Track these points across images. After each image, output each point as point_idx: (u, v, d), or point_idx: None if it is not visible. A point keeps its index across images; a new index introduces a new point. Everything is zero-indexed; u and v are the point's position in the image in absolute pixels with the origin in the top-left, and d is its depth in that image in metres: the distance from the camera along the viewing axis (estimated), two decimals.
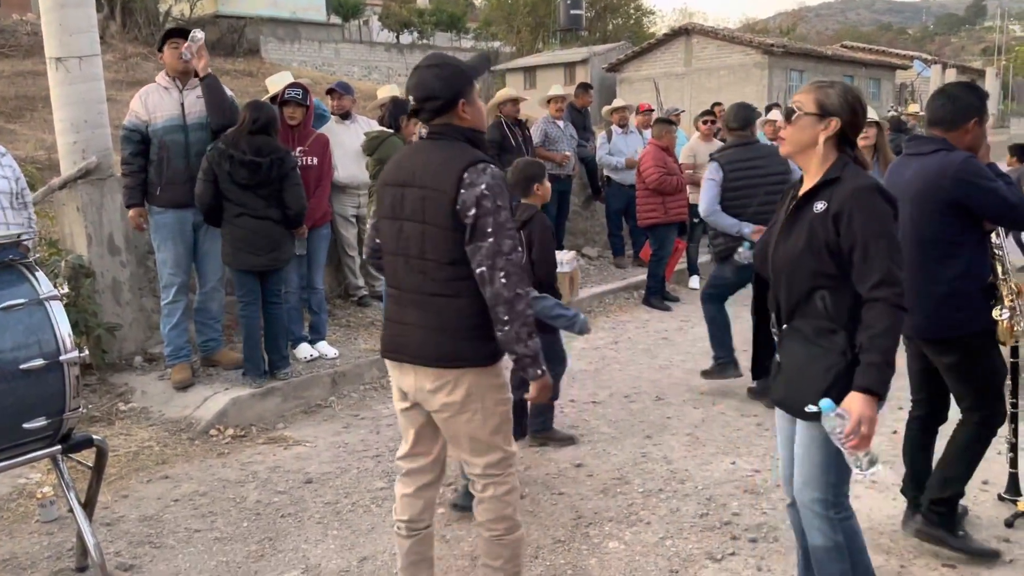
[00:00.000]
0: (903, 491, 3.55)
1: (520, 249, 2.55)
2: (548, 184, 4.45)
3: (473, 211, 2.42)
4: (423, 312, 2.56)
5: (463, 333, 2.54)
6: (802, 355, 2.47)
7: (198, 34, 5.09)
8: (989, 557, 3.26)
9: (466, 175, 2.43)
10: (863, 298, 2.33)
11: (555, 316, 3.97)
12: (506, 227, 2.45)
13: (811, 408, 2.37)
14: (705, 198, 5.23)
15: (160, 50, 5.22)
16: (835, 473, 2.51)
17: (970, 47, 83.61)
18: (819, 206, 2.41)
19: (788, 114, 2.55)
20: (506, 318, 2.45)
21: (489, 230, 2.42)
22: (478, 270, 2.45)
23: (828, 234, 2.37)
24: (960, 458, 3.31)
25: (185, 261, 5.19)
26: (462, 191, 2.43)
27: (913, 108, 14.72)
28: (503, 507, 2.68)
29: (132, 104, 5.14)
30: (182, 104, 5.11)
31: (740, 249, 5.06)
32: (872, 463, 2.35)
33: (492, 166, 2.50)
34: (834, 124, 2.44)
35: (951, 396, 3.39)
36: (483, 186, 2.42)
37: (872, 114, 5.26)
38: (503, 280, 2.43)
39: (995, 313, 3.15)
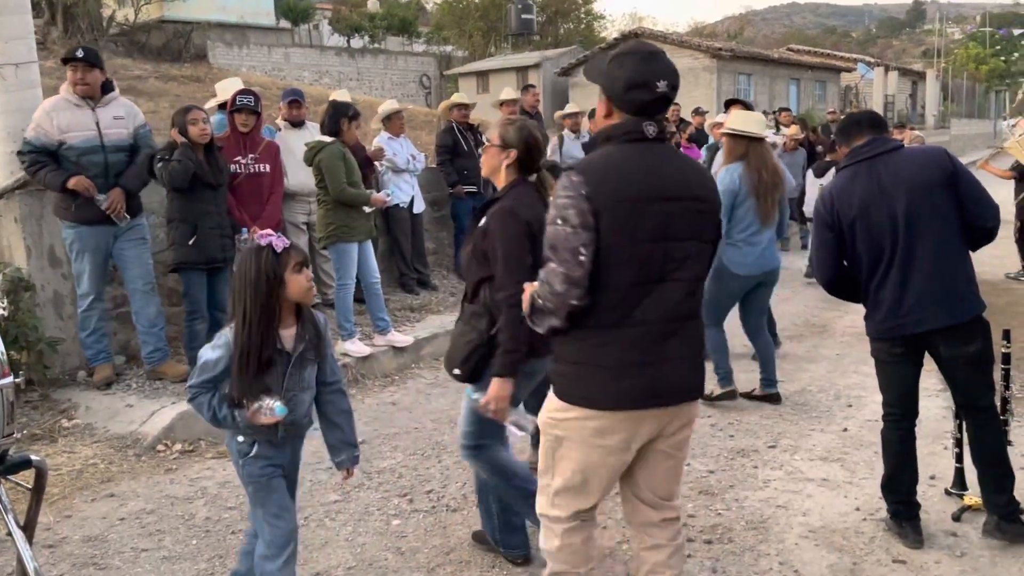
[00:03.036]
0: (899, 501, 3.47)
1: None
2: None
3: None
4: (692, 339, 2.40)
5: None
6: (458, 331, 3.05)
7: (101, 197, 4.91)
8: None
9: (715, 184, 2.56)
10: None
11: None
12: None
13: (469, 391, 3.09)
14: None
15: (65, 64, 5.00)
16: (466, 423, 3.18)
17: (911, 50, 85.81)
18: (483, 222, 2.99)
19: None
20: None
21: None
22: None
23: (482, 244, 2.95)
24: (1005, 451, 3.39)
25: (100, 272, 5.13)
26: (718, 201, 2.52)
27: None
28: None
29: (38, 119, 4.88)
30: (97, 122, 4.97)
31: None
32: (521, 429, 2.98)
33: None
34: (512, 154, 3.01)
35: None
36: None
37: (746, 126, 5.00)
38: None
39: None
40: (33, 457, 2.84)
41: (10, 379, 2.61)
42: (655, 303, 2.29)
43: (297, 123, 6.65)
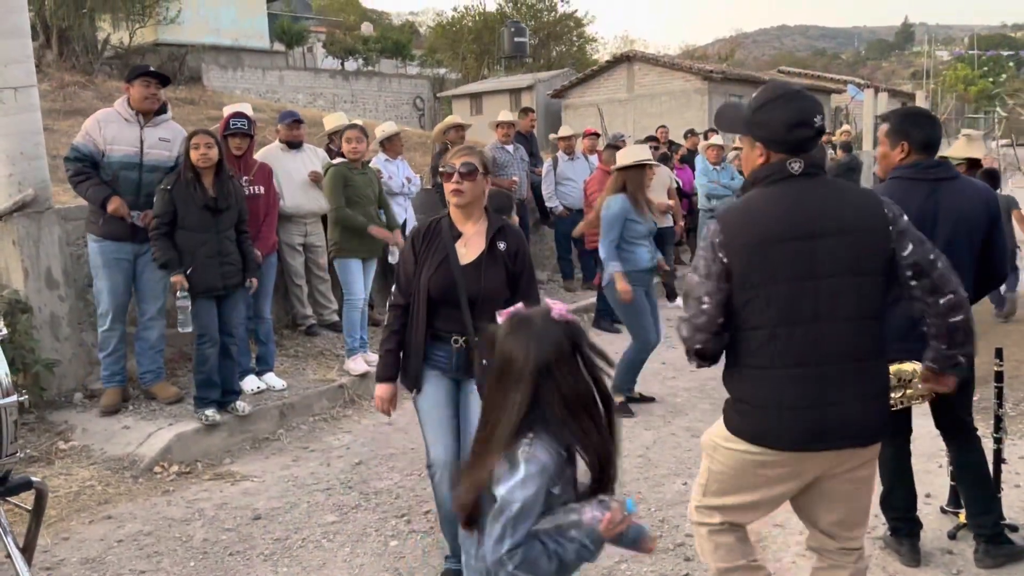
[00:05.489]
0: (898, 518, 3.48)
1: None
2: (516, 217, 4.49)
3: (910, 247, 2.31)
4: (860, 382, 2.32)
5: (889, 394, 2.46)
6: None
7: (136, 214, 5.00)
8: None
9: (887, 210, 2.32)
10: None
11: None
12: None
13: None
14: None
15: (129, 82, 5.08)
16: None
17: (900, 71, 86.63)
18: (502, 245, 3.18)
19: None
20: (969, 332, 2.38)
21: (932, 257, 2.33)
22: (944, 299, 2.32)
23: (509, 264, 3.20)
24: (988, 472, 3.39)
25: (122, 290, 5.13)
26: (890, 228, 2.30)
27: (846, 128, 15.27)
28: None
29: (88, 128, 4.99)
30: (141, 140, 5.04)
31: None
32: None
33: None
34: (489, 179, 3.27)
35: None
36: (904, 217, 2.35)
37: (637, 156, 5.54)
38: (964, 292, 2.36)
39: None
40: (34, 479, 2.85)
41: (13, 398, 2.62)
42: (810, 343, 2.28)
43: (295, 145, 6.69)
